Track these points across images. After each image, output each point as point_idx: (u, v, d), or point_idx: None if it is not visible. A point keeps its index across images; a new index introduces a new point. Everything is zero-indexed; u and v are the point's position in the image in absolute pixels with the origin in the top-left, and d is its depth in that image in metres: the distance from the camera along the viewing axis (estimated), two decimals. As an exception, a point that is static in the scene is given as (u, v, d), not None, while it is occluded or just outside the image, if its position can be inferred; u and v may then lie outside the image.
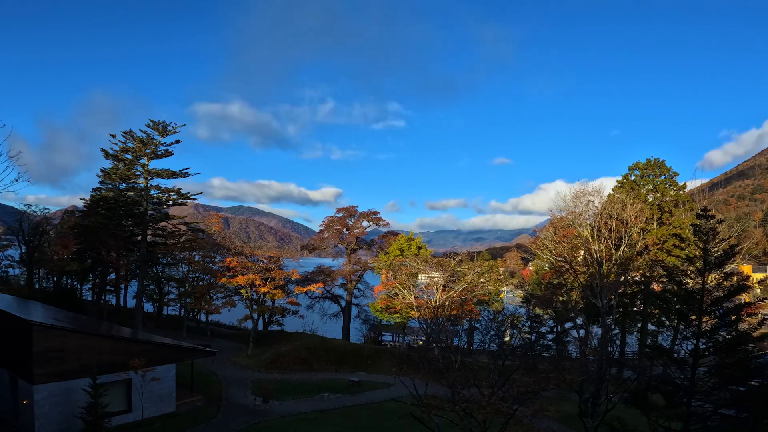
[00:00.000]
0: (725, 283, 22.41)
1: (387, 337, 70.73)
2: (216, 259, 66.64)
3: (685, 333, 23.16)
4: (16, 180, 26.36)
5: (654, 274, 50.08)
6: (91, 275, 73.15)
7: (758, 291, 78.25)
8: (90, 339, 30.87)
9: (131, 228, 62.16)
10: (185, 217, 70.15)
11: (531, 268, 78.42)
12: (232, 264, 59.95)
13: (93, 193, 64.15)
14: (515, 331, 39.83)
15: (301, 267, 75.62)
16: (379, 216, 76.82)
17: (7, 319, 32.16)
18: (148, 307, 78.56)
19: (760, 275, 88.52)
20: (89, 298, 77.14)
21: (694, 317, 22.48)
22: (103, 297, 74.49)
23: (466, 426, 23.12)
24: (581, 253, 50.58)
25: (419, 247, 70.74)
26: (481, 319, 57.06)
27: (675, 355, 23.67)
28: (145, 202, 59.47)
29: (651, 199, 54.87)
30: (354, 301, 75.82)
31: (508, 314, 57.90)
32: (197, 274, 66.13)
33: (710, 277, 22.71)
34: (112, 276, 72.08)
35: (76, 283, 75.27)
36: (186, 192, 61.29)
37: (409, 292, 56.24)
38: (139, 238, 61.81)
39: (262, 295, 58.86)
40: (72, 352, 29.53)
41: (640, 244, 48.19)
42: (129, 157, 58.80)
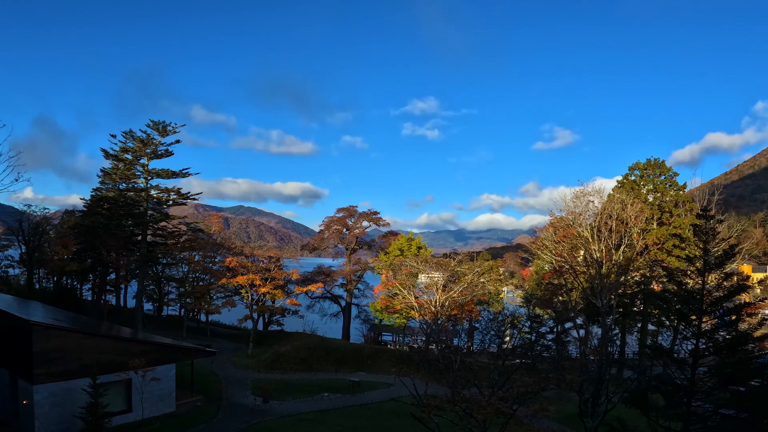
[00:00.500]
0: (725, 283, 22.38)
1: (387, 337, 70.70)
2: (216, 259, 66.75)
3: (685, 333, 23.15)
4: (16, 180, 26.41)
5: (654, 274, 50.10)
6: (91, 275, 73.22)
7: (758, 291, 78.20)
8: (90, 339, 30.88)
9: (131, 228, 62.24)
10: (185, 217, 70.25)
11: (531, 268, 78.31)
12: (232, 264, 60.02)
13: (93, 193, 64.31)
14: (515, 331, 39.84)
15: (301, 267, 75.64)
16: (378, 216, 76.91)
17: (7, 318, 32.16)
18: (148, 307, 78.63)
19: (760, 275, 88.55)
20: (89, 298, 77.18)
21: (694, 317, 22.46)
22: (103, 297, 74.61)
23: (466, 426, 23.13)
24: (581, 253, 50.59)
25: (419, 247, 70.79)
26: (481, 319, 57.04)
27: (675, 355, 23.66)
28: (145, 202, 59.50)
29: (651, 199, 54.90)
30: (354, 301, 75.83)
31: (508, 314, 57.89)
32: (197, 274, 66.19)
33: (710, 277, 22.69)
34: (112, 276, 72.20)
35: (76, 283, 75.28)
36: (186, 192, 61.38)
37: (409, 292, 56.24)
38: (139, 238, 61.86)
39: (262, 295, 58.90)
40: (72, 352, 29.53)
41: (640, 244, 48.22)
42: (129, 157, 58.86)
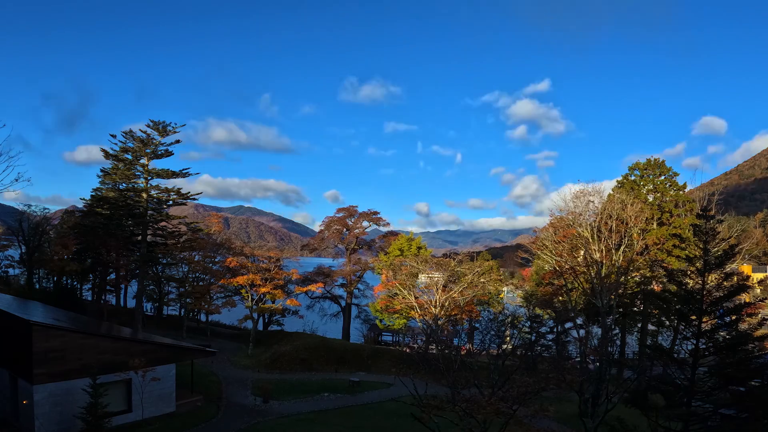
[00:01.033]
0: (725, 284, 22.41)
1: (387, 338, 70.66)
2: (216, 259, 66.72)
3: (685, 333, 23.18)
4: (16, 180, 26.43)
5: (654, 275, 50.07)
6: (91, 275, 73.23)
7: (758, 291, 78.11)
8: (90, 339, 30.85)
9: (131, 228, 62.19)
10: (185, 217, 70.14)
11: (531, 269, 78.24)
12: (233, 264, 60.01)
13: (93, 193, 64.30)
14: (515, 332, 39.85)
15: (301, 267, 75.54)
16: (379, 216, 76.84)
17: (7, 319, 32.15)
18: (148, 307, 78.62)
19: (760, 275, 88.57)
20: (89, 298, 77.16)
21: (694, 317, 22.49)
22: (103, 297, 74.60)
23: (466, 426, 23.11)
24: (581, 253, 50.55)
25: (419, 247, 70.71)
26: (481, 319, 57.02)
27: (675, 355, 23.70)
28: (145, 202, 59.45)
29: (651, 200, 54.86)
30: (354, 301, 75.78)
31: (508, 314, 57.89)
32: (197, 274, 66.17)
33: (710, 278, 22.71)
34: (112, 276, 72.15)
35: (76, 283, 75.24)
36: (186, 192, 61.32)
37: (409, 292, 56.19)
38: (139, 238, 61.80)
39: (262, 295, 58.88)
40: (72, 352, 29.51)
41: (640, 244, 48.20)
42: (129, 157, 58.80)
